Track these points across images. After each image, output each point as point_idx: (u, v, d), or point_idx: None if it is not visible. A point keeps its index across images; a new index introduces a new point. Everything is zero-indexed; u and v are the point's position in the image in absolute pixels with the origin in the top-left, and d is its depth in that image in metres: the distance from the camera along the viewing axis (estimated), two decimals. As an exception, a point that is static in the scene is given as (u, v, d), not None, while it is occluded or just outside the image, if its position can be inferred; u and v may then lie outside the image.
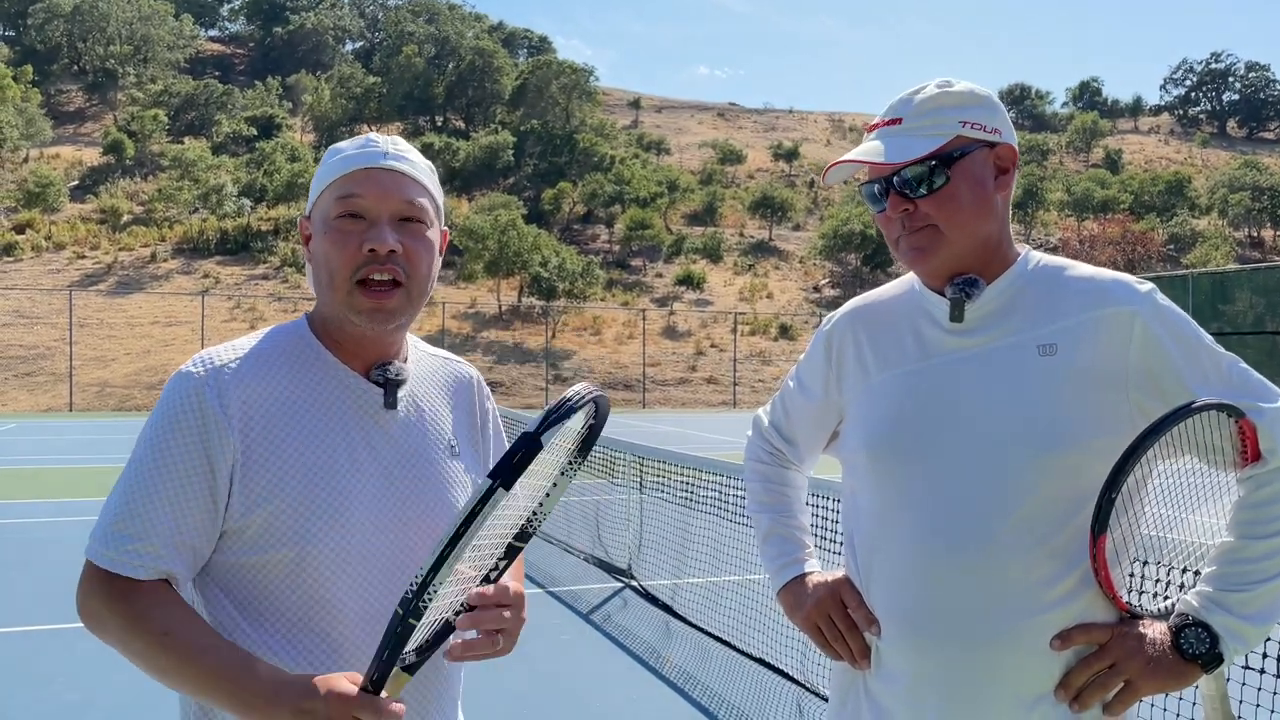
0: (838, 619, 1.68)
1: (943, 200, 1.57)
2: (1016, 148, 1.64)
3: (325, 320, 1.58)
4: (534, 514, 1.43)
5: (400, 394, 1.59)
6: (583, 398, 1.30)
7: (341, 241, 1.51)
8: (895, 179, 1.59)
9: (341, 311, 1.53)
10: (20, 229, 41.64)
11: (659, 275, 46.83)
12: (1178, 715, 3.11)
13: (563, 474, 1.42)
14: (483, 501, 1.23)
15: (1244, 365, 1.56)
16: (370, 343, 1.57)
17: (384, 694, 1.30)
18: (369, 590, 1.49)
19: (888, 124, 1.62)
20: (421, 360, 1.69)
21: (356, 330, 1.54)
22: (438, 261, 1.62)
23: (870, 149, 1.60)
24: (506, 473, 1.24)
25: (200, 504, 1.44)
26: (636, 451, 7.60)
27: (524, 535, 1.43)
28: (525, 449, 1.24)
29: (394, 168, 1.54)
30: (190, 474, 1.44)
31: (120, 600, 1.40)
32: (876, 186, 1.62)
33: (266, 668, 1.36)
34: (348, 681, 1.31)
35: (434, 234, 1.58)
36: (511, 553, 1.43)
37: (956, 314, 1.60)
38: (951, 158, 1.56)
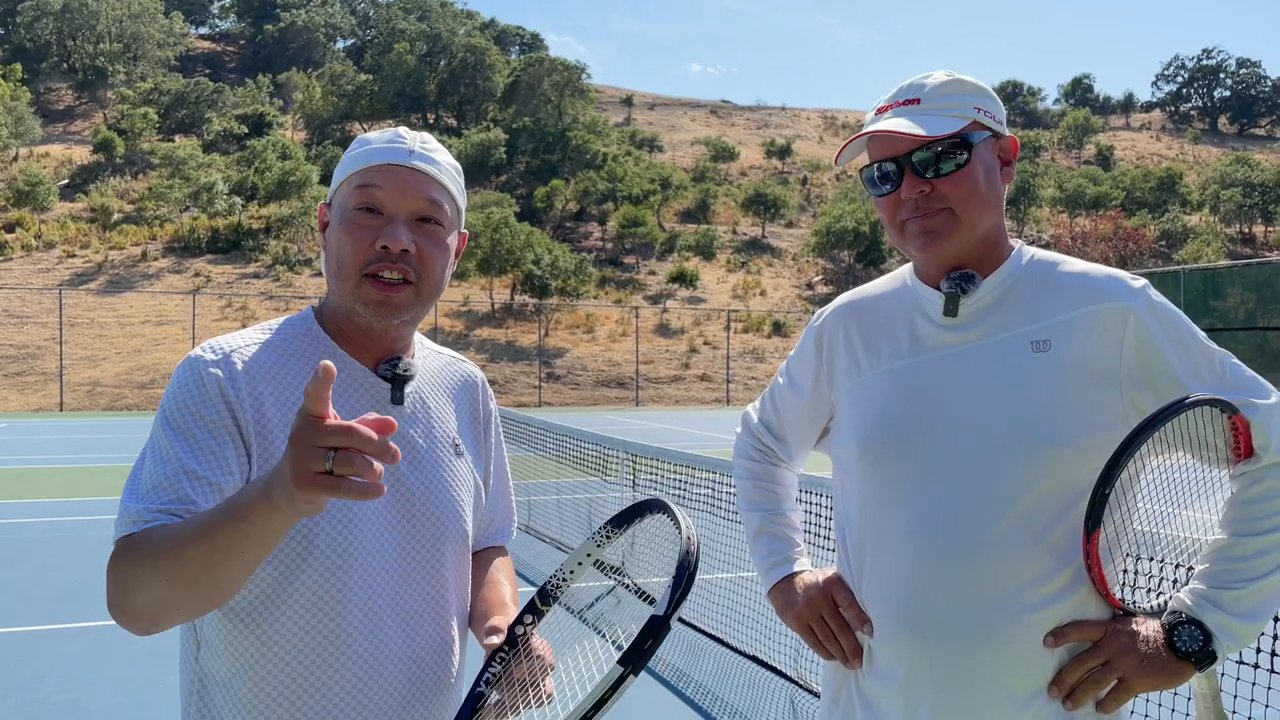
0: (829, 618, 1.68)
1: (961, 181, 1.55)
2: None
3: (333, 312, 1.57)
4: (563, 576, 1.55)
5: (407, 390, 1.58)
6: (695, 557, 1.25)
7: (356, 234, 1.50)
8: (914, 157, 1.56)
9: (348, 302, 1.52)
10: (10, 228, 41.45)
11: (652, 273, 46.81)
12: (1174, 711, 3.12)
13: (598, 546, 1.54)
14: (613, 689, 1.17)
15: (1236, 361, 1.56)
16: (377, 336, 1.56)
17: None
18: (373, 584, 1.49)
19: (905, 104, 1.58)
20: (428, 358, 1.69)
21: (363, 322, 1.53)
22: (452, 264, 1.61)
23: (898, 123, 1.55)
24: (637, 658, 1.17)
25: (226, 461, 1.41)
26: (629, 449, 7.60)
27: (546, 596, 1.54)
28: (655, 636, 1.17)
29: (418, 167, 1.52)
30: (213, 436, 1.41)
31: (135, 544, 1.31)
32: (890, 166, 1.58)
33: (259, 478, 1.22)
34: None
35: (451, 237, 1.57)
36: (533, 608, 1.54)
37: (950, 308, 1.59)
38: (969, 142, 1.56)
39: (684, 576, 1.20)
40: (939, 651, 1.53)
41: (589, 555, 1.53)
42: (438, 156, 1.55)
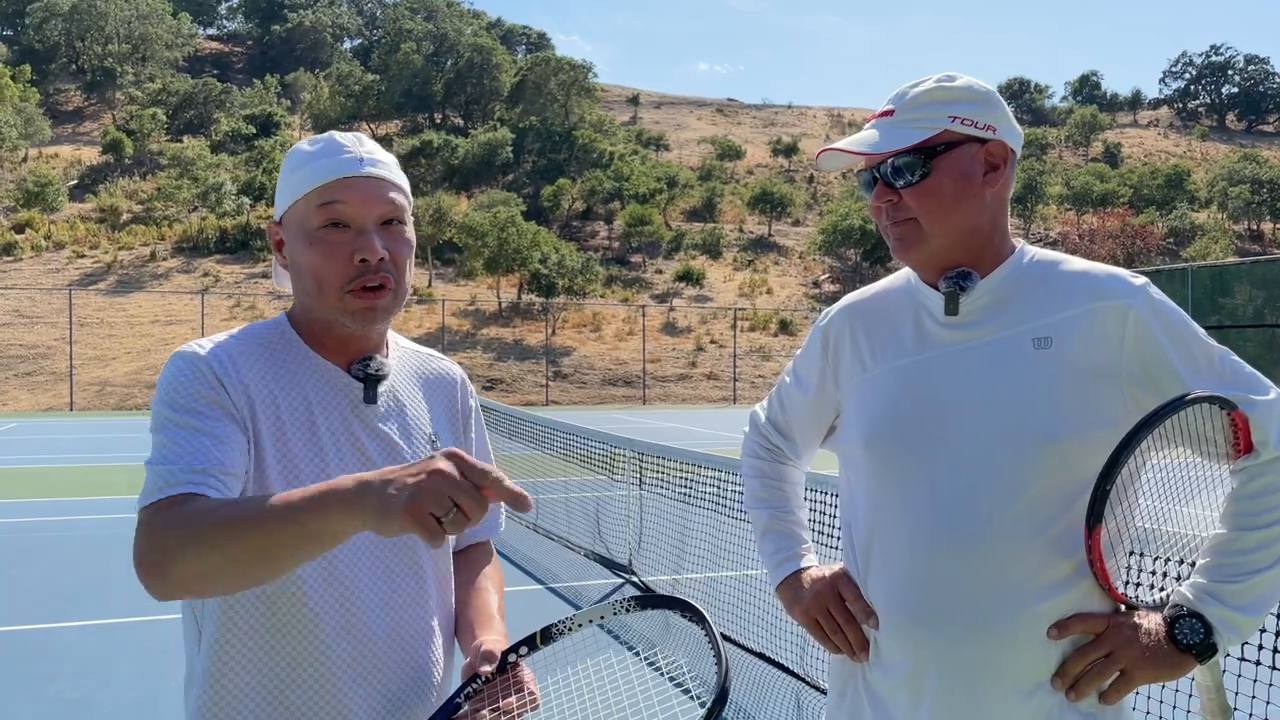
0: (836, 612, 1.69)
1: (924, 193, 1.58)
2: (1012, 146, 1.63)
3: (310, 321, 1.60)
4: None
5: (381, 389, 1.61)
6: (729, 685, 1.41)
7: (331, 253, 1.52)
8: (882, 169, 1.61)
9: (332, 315, 1.55)
10: (20, 228, 41.64)
11: (659, 271, 46.84)
12: (1176, 707, 3.13)
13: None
14: None
15: (1235, 358, 1.57)
16: (355, 340, 1.60)
17: None
18: (348, 583, 1.52)
19: (881, 115, 1.64)
20: (404, 357, 1.72)
21: (345, 331, 1.57)
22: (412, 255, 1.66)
23: (859, 138, 1.62)
24: None
25: (237, 437, 1.45)
26: (636, 448, 7.62)
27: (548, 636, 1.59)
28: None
29: (371, 173, 1.56)
30: (222, 414, 1.45)
31: (180, 507, 1.33)
32: (869, 175, 1.64)
33: (345, 476, 1.25)
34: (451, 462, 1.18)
35: (410, 230, 1.62)
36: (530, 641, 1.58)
37: (951, 307, 1.61)
38: (935, 151, 1.58)
39: (721, 702, 1.37)
40: (944, 644, 1.55)
41: (602, 617, 1.57)
42: (381, 156, 1.60)
